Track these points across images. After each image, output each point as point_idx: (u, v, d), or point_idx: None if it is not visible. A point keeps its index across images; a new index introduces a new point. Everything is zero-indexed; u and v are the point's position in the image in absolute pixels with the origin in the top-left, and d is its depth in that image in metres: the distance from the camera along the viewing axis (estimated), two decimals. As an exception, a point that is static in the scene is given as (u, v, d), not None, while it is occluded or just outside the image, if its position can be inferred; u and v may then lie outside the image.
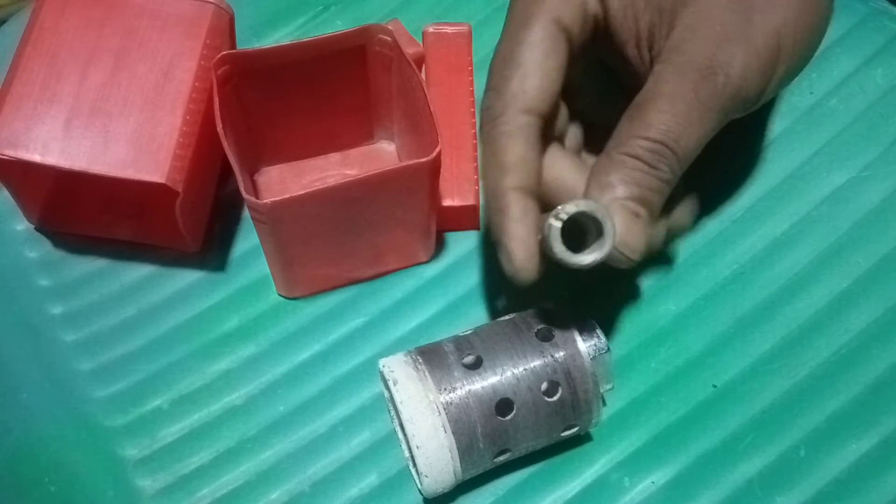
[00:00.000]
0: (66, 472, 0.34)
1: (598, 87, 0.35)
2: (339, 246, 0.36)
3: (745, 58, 0.28)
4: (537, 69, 0.30)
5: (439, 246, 0.39)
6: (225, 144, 0.33)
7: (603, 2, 0.31)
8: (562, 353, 0.31)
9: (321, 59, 0.36)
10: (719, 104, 0.28)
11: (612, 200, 0.28)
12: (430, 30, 0.42)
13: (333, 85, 0.38)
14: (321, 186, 0.32)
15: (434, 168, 0.33)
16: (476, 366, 0.31)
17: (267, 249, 0.36)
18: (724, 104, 0.29)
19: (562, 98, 0.33)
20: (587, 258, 0.27)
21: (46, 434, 0.35)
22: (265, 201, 0.31)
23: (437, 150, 0.32)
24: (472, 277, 0.38)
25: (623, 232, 0.28)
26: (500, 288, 0.37)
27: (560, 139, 0.33)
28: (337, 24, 0.45)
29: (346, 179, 0.32)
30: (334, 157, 0.41)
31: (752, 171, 0.39)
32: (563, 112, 0.33)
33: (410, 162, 0.32)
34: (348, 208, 0.33)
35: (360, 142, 0.41)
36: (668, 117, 0.28)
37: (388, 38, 0.36)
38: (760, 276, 0.37)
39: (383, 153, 0.41)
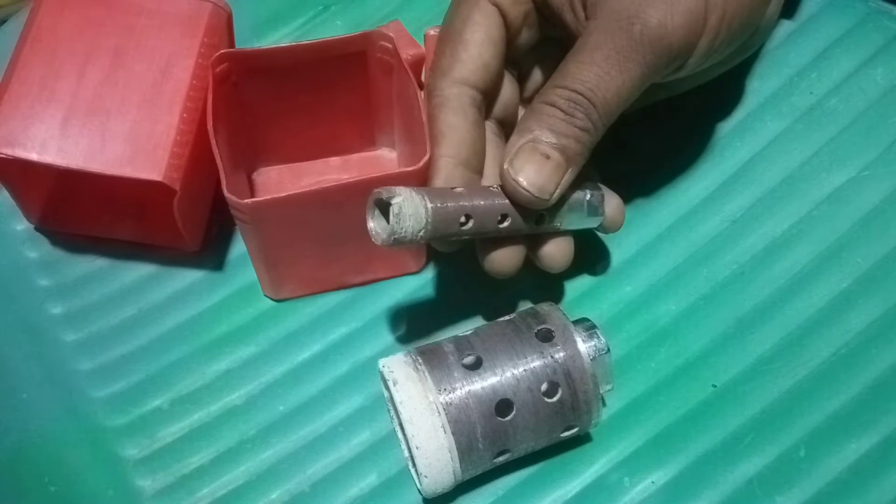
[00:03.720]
0: (65, 471, 0.34)
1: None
2: (325, 250, 0.35)
3: (664, 8, 0.29)
4: (465, 43, 0.32)
5: (436, 249, 0.39)
6: (213, 142, 0.32)
7: None
8: (562, 354, 0.31)
9: (322, 62, 0.36)
10: (638, 55, 0.29)
11: (525, 142, 0.30)
12: (432, 32, 0.42)
13: (334, 88, 0.38)
14: (303, 190, 0.32)
15: (422, 178, 0.33)
16: (476, 366, 0.31)
17: (250, 249, 0.36)
18: (644, 55, 0.30)
19: (517, 83, 0.35)
20: (381, 234, 0.29)
21: (46, 434, 0.35)
22: (246, 201, 0.31)
23: (426, 159, 0.32)
24: (473, 279, 0.38)
25: (529, 171, 0.30)
26: (500, 290, 0.37)
27: (507, 122, 0.35)
28: (337, 24, 0.45)
29: (329, 184, 0.32)
30: (334, 161, 0.41)
31: (752, 170, 0.39)
32: (513, 95, 0.35)
33: (396, 171, 0.32)
34: (332, 213, 0.33)
35: (362, 147, 0.41)
36: (585, 67, 0.30)
37: (390, 45, 0.36)
38: (760, 276, 0.37)
39: (384, 160, 0.41)
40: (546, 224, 0.32)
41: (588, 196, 0.33)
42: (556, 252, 0.33)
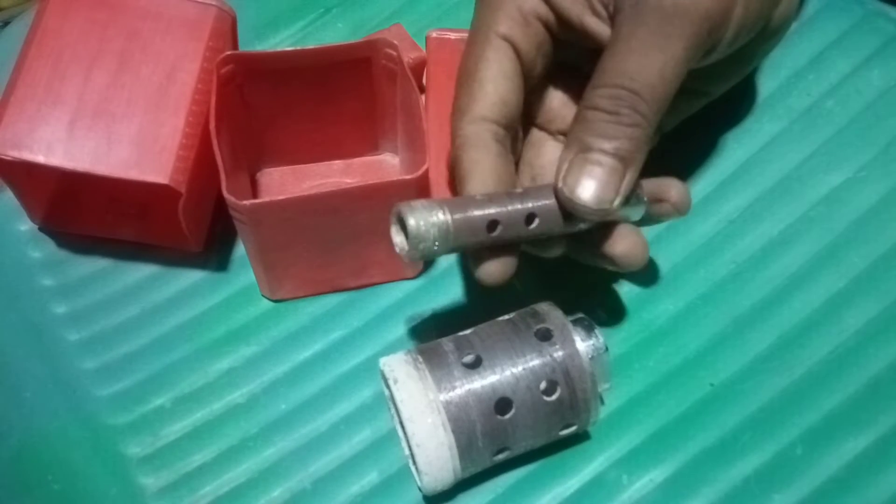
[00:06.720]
0: (69, 470, 0.34)
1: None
2: (322, 254, 0.36)
3: None
4: (480, 81, 0.31)
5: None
6: (214, 142, 0.33)
7: None
8: (560, 353, 0.31)
9: (327, 67, 0.36)
10: (676, 28, 0.28)
11: (575, 155, 0.29)
12: (434, 35, 0.42)
13: (339, 93, 0.38)
14: (301, 194, 0.32)
15: (421, 186, 0.33)
16: (475, 365, 0.31)
17: (248, 250, 0.36)
18: (682, 27, 0.28)
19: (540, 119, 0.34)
20: (404, 248, 0.29)
21: (50, 432, 0.35)
22: (244, 202, 0.32)
23: (424, 168, 0.32)
24: (473, 279, 0.38)
25: (585, 185, 0.28)
26: (499, 290, 0.38)
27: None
28: (338, 27, 0.46)
29: (328, 189, 0.33)
30: (337, 164, 0.41)
31: (749, 171, 0.40)
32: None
33: (395, 178, 0.33)
34: (330, 217, 0.34)
35: (365, 152, 0.41)
36: (621, 58, 0.28)
37: (394, 53, 0.36)
38: (757, 275, 0.37)
39: (386, 165, 0.41)
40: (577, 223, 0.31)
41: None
42: (630, 251, 0.31)
